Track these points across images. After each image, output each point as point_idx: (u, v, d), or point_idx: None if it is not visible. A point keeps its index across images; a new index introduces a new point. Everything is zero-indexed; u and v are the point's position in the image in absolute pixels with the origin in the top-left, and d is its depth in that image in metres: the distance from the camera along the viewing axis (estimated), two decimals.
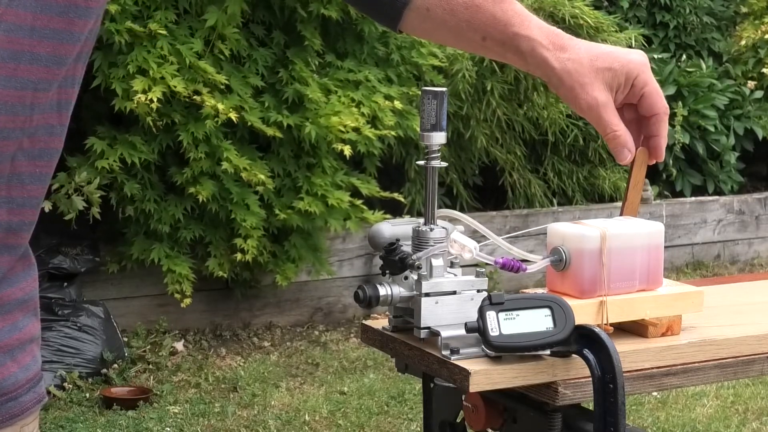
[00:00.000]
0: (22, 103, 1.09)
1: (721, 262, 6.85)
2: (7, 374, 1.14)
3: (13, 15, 1.07)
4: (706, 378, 1.56)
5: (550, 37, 1.40)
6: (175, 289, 4.74)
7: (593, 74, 1.40)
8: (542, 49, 1.39)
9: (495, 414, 1.53)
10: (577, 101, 1.41)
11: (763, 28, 7.69)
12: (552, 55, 1.39)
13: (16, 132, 1.10)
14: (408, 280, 1.46)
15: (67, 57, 1.12)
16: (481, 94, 6.02)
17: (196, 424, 4.20)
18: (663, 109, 1.46)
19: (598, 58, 1.41)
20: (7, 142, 1.09)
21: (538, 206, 6.34)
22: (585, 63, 1.40)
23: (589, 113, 1.42)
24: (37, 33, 1.08)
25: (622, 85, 1.43)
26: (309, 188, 4.93)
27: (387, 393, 4.51)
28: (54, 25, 1.10)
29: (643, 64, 1.44)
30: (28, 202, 1.14)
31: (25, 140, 1.11)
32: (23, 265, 1.17)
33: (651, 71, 1.45)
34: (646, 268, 1.54)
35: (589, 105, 1.41)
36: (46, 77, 1.11)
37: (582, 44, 1.42)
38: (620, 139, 1.43)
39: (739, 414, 4.41)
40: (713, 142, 7.23)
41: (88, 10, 1.12)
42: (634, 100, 1.46)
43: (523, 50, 1.40)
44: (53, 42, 1.10)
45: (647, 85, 1.44)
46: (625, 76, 1.42)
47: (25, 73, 1.09)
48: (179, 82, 4.53)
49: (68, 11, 1.10)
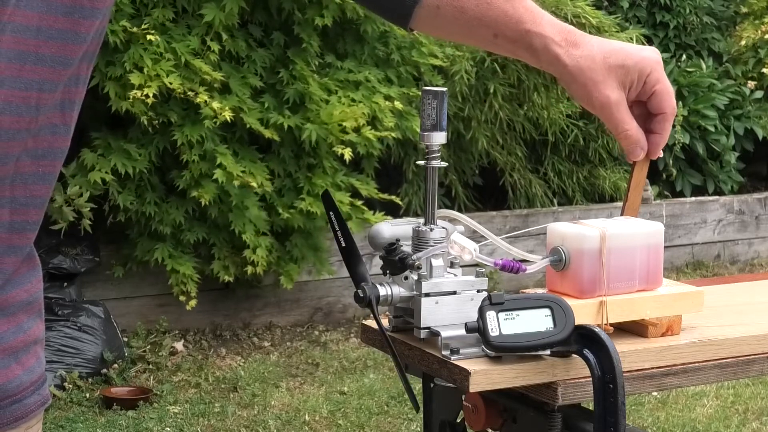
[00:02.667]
0: (27, 104, 1.09)
1: (721, 262, 6.85)
2: (11, 377, 1.13)
3: (21, 16, 1.06)
4: (706, 378, 1.55)
5: (563, 33, 1.39)
6: (180, 290, 4.73)
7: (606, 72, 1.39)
8: (555, 45, 1.38)
9: (495, 414, 1.53)
10: (590, 99, 1.40)
11: (763, 28, 7.69)
12: (564, 51, 1.38)
13: (21, 133, 1.09)
14: (408, 280, 1.46)
15: (72, 58, 1.12)
16: (483, 95, 6.02)
17: (196, 424, 4.20)
18: (671, 109, 1.45)
19: (611, 55, 1.40)
20: (13, 143, 1.09)
21: (538, 206, 6.34)
22: (598, 60, 1.39)
23: (602, 111, 1.42)
24: (42, 33, 1.08)
25: (635, 83, 1.42)
26: (310, 189, 4.93)
27: (387, 393, 4.51)
28: (59, 26, 1.09)
29: (656, 62, 1.43)
30: (31, 202, 1.13)
31: (29, 140, 1.11)
32: (28, 266, 1.16)
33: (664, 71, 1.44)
34: (645, 268, 1.54)
35: (602, 103, 1.40)
36: (51, 78, 1.10)
37: (594, 40, 1.41)
38: (633, 138, 1.43)
39: (739, 414, 4.41)
40: (713, 142, 7.23)
41: (94, 11, 1.12)
42: (645, 98, 1.45)
43: (536, 47, 1.38)
44: (58, 42, 1.09)
45: (659, 83, 1.43)
46: (638, 74, 1.41)
47: (30, 74, 1.08)
48: (175, 79, 4.53)
49: (74, 12, 1.10)
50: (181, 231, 4.80)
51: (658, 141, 1.48)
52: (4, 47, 1.06)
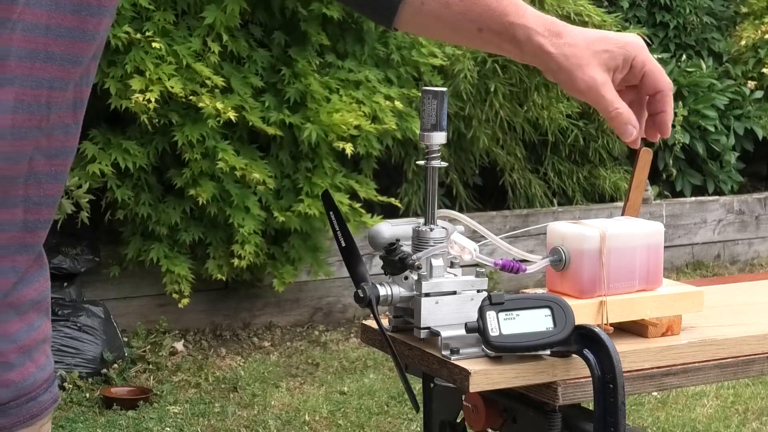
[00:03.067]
0: (38, 102, 1.09)
1: (721, 262, 6.85)
2: (27, 374, 1.14)
3: (31, 14, 1.07)
4: (706, 378, 1.56)
5: (546, 24, 1.40)
6: (173, 289, 4.74)
7: (590, 56, 1.40)
8: (538, 36, 1.39)
9: (495, 414, 1.53)
10: (575, 83, 1.40)
11: (763, 28, 7.69)
12: (548, 41, 1.39)
13: (33, 131, 1.10)
14: (408, 280, 1.46)
15: (82, 56, 1.12)
16: (484, 94, 6.02)
17: (196, 424, 4.20)
18: (667, 85, 1.45)
19: (595, 42, 1.41)
20: (25, 141, 1.09)
21: (538, 206, 6.34)
22: (581, 46, 1.40)
23: (589, 93, 1.41)
24: (51, 31, 1.09)
25: (620, 66, 1.42)
26: (309, 189, 4.93)
27: (387, 393, 4.51)
28: (68, 24, 1.10)
29: (640, 46, 1.44)
30: (44, 201, 1.14)
31: (42, 139, 1.11)
32: (38, 265, 1.17)
33: (649, 53, 1.44)
34: (645, 268, 1.54)
35: (588, 85, 1.40)
36: (61, 76, 1.11)
37: (577, 30, 1.42)
38: (623, 116, 1.42)
39: (739, 414, 4.41)
40: (713, 142, 7.23)
41: (101, 9, 1.13)
42: (635, 81, 1.45)
43: (520, 39, 1.39)
44: (67, 40, 1.10)
45: (647, 64, 1.43)
46: (623, 57, 1.42)
47: (41, 72, 1.09)
48: (176, 83, 4.53)
49: (81, 9, 1.11)
50: (178, 231, 4.80)
51: (664, 119, 1.46)
52: (15, 45, 1.06)
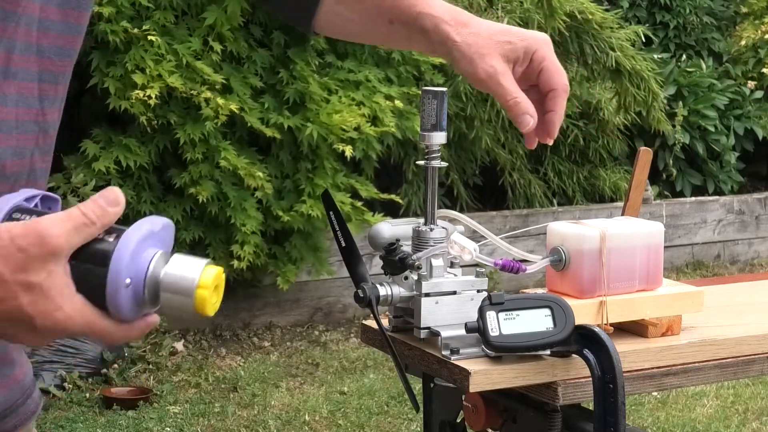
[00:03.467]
0: (33, 95, 1.10)
1: (721, 262, 6.85)
2: (26, 371, 1.17)
3: (30, 8, 1.08)
4: (706, 378, 1.56)
5: (452, 13, 1.43)
6: None
7: (492, 46, 1.42)
8: (445, 25, 1.42)
9: (495, 414, 1.53)
10: (476, 71, 1.43)
11: (763, 28, 7.69)
12: (454, 30, 1.42)
13: (32, 125, 1.11)
14: (408, 280, 1.46)
15: (66, 48, 1.13)
16: (484, 94, 6.02)
17: (196, 424, 4.20)
18: (561, 85, 1.45)
19: (498, 33, 1.44)
20: (28, 135, 1.11)
21: (538, 206, 6.34)
22: (484, 35, 1.43)
23: (489, 82, 1.43)
24: (42, 25, 1.10)
25: (521, 59, 1.44)
26: (312, 190, 4.92)
27: (387, 393, 4.51)
28: (54, 17, 1.11)
29: (543, 41, 1.46)
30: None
31: (39, 135, 1.13)
32: None
33: (553, 51, 1.46)
34: (645, 268, 1.54)
35: (487, 73, 1.42)
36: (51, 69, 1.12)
37: (483, 22, 1.45)
38: (521, 105, 1.43)
39: (739, 414, 4.41)
40: (713, 142, 7.23)
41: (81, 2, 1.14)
42: (534, 77, 1.46)
43: (427, 28, 1.42)
44: (54, 33, 1.11)
45: (545, 60, 1.44)
46: (524, 50, 1.44)
47: (33, 65, 1.10)
48: (177, 79, 4.53)
49: (66, 2, 1.12)
50: (178, 230, 4.80)
51: (552, 119, 1.46)
52: (19, 39, 1.07)
